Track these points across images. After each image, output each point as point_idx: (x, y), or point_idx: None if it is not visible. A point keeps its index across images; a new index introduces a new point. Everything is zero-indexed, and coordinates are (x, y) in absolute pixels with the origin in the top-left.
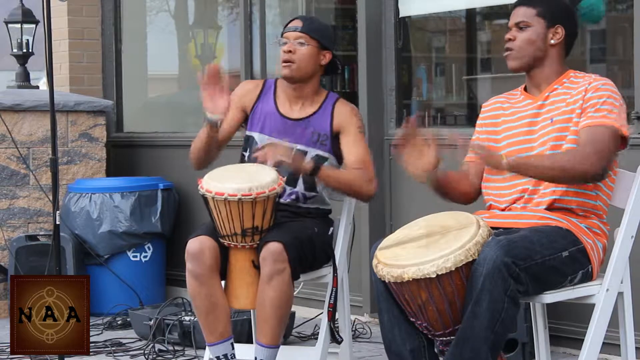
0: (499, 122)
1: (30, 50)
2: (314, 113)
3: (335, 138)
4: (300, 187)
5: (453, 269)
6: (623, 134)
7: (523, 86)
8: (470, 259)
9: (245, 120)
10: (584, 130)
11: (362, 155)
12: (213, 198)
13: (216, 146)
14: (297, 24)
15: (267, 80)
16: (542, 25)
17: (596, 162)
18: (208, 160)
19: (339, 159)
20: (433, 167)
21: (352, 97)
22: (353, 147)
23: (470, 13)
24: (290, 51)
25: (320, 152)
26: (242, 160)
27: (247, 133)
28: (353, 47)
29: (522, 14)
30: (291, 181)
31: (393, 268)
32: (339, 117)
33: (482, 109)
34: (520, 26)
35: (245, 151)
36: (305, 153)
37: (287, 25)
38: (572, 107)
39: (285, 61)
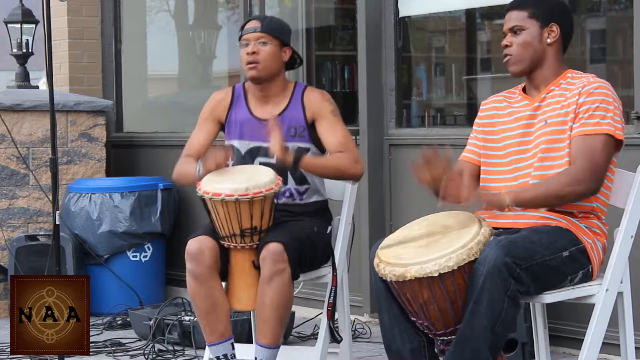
0: (494, 122)
1: (30, 50)
2: (286, 108)
3: (312, 127)
4: (291, 183)
5: (455, 268)
6: (617, 137)
7: (522, 86)
8: (473, 258)
9: (221, 130)
10: (576, 139)
11: (343, 137)
12: (210, 199)
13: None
14: (256, 24)
15: (235, 86)
16: (535, 26)
17: (591, 180)
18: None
19: (320, 147)
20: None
21: (352, 97)
22: (331, 132)
23: (470, 13)
24: (254, 52)
25: (300, 144)
26: None
27: (227, 142)
28: (353, 47)
29: (514, 18)
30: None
31: (395, 267)
32: (310, 105)
33: (481, 108)
34: (515, 30)
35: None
36: (286, 149)
37: (244, 26)
38: (567, 110)
39: (250, 62)
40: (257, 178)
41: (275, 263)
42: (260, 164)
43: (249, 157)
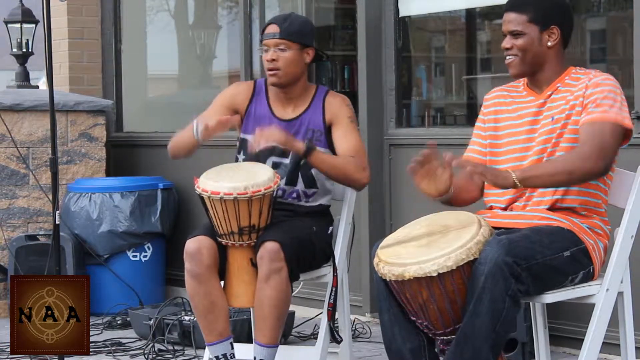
0: (500, 119)
1: (30, 50)
2: (306, 110)
3: (329, 132)
4: (300, 185)
5: (454, 267)
6: (625, 126)
7: (526, 80)
8: (472, 258)
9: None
10: (584, 126)
11: (355, 144)
12: (209, 197)
13: (197, 147)
14: (275, 29)
15: (257, 80)
16: (535, 30)
17: (598, 159)
18: (187, 156)
19: (335, 152)
20: (446, 189)
21: (352, 97)
22: (345, 137)
23: (470, 13)
24: (273, 59)
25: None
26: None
27: (242, 136)
28: (353, 47)
29: (513, 21)
30: (291, 180)
31: (394, 266)
32: (329, 109)
33: (484, 103)
34: (514, 34)
35: (240, 153)
36: None
37: (264, 30)
38: (573, 103)
39: (270, 69)
40: (256, 176)
41: (272, 262)
42: (274, 163)
43: (263, 154)
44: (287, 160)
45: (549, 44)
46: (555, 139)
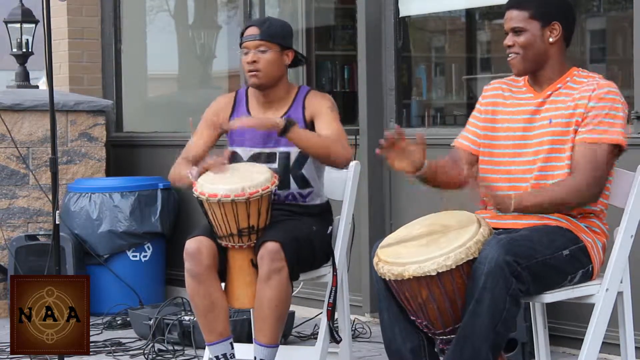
0: (497, 111)
1: (29, 50)
2: (287, 111)
3: (311, 127)
4: (293, 187)
5: (454, 267)
6: (622, 146)
7: (527, 77)
8: (471, 257)
9: (222, 135)
10: (582, 146)
11: (336, 129)
12: (207, 200)
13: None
14: (255, 31)
15: (238, 91)
16: (537, 27)
17: (594, 189)
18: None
19: None
20: (420, 164)
21: (352, 97)
22: (326, 125)
23: (470, 13)
24: (254, 61)
25: None
26: None
27: (230, 149)
28: (353, 47)
29: (515, 18)
30: (283, 184)
31: (394, 266)
32: (310, 107)
33: (483, 94)
34: (516, 31)
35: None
36: (288, 153)
37: (243, 33)
38: (572, 111)
39: (250, 71)
40: (253, 177)
41: (273, 262)
42: None
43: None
44: (275, 165)
45: (551, 40)
46: (551, 145)
